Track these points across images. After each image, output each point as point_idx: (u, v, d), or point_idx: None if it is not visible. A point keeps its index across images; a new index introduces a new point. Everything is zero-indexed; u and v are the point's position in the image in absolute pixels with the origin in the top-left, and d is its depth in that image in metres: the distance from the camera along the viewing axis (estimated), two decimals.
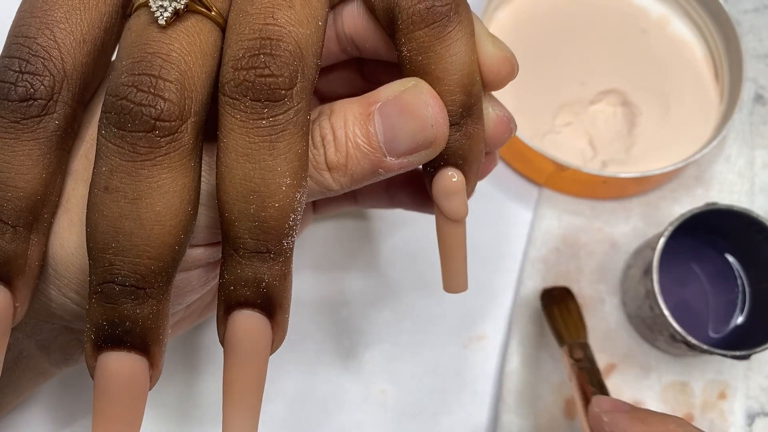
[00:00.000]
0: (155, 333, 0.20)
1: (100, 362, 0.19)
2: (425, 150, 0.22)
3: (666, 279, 0.38)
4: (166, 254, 0.19)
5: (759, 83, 0.46)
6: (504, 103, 0.43)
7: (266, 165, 0.19)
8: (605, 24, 0.45)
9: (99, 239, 0.19)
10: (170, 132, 0.19)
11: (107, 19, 0.21)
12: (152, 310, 0.19)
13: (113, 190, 0.19)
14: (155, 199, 0.19)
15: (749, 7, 0.47)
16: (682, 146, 0.42)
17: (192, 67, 0.19)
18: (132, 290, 0.19)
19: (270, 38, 0.19)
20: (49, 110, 0.20)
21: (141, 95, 0.18)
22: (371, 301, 0.40)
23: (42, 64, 0.19)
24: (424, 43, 0.21)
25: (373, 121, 0.21)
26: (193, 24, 0.20)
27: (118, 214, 0.19)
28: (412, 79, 0.22)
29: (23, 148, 0.19)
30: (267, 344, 0.20)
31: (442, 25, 0.21)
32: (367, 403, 0.38)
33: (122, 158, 0.19)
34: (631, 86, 0.44)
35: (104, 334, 0.19)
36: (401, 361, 0.39)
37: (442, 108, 0.22)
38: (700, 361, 0.40)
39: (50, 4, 0.20)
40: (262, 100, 0.19)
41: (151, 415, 0.37)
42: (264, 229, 0.20)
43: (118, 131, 0.19)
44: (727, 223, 0.38)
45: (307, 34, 0.20)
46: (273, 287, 0.20)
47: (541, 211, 0.42)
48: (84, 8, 0.20)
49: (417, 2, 0.21)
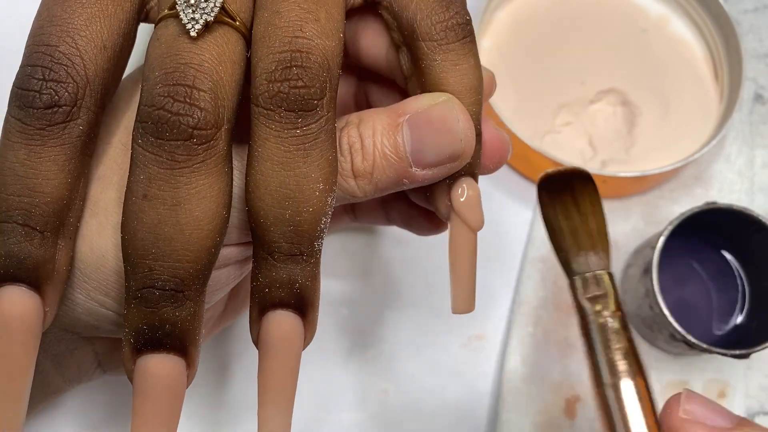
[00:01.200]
0: (192, 334, 0.20)
1: (140, 365, 0.20)
2: (451, 163, 0.23)
3: (666, 278, 0.38)
4: (203, 257, 0.20)
5: (759, 83, 0.46)
6: (504, 103, 0.44)
7: (301, 172, 0.20)
8: (605, 24, 0.45)
9: (138, 245, 0.19)
10: (207, 140, 0.19)
11: (125, 26, 0.21)
12: (190, 312, 0.20)
13: (152, 197, 0.19)
14: (194, 205, 0.19)
15: (749, 6, 0.47)
16: (682, 146, 0.42)
17: (223, 76, 0.20)
18: (172, 294, 0.19)
19: (300, 51, 0.20)
20: (73, 116, 0.20)
21: (178, 105, 0.19)
22: (371, 301, 0.40)
23: (65, 72, 0.20)
24: (454, 59, 0.22)
25: (401, 131, 0.22)
26: (221, 34, 0.20)
27: (158, 220, 0.19)
28: (442, 95, 0.23)
29: (49, 154, 0.20)
30: (300, 342, 0.21)
31: (471, 40, 0.23)
32: (367, 403, 0.38)
33: (160, 166, 0.19)
34: (630, 86, 0.44)
35: (144, 337, 0.20)
36: (401, 361, 0.39)
37: (471, 124, 0.23)
38: (699, 360, 0.40)
39: (69, 12, 0.20)
40: (296, 111, 0.20)
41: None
42: (298, 233, 0.20)
43: (156, 140, 0.19)
44: (727, 223, 0.38)
45: (332, 46, 0.21)
46: (306, 287, 0.21)
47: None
48: (103, 16, 0.21)
49: (450, 18, 0.22)
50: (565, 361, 0.39)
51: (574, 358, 0.39)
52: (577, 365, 0.39)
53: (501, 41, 0.45)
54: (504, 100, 0.43)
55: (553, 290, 0.40)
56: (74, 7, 0.21)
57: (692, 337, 0.35)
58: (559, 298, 0.40)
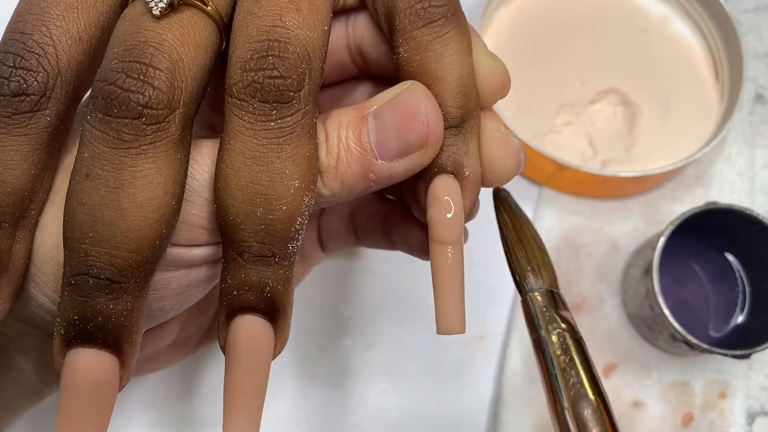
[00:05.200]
0: (128, 331, 0.19)
1: (69, 359, 0.19)
2: (417, 152, 0.21)
3: (666, 278, 0.38)
4: (145, 248, 0.19)
5: (759, 83, 0.46)
6: (505, 102, 0.44)
7: (274, 168, 0.19)
8: (605, 23, 0.45)
9: (76, 228, 0.18)
10: (157, 120, 0.18)
11: (105, 19, 0.21)
12: (126, 307, 0.19)
13: (94, 177, 0.18)
14: (138, 189, 0.18)
15: (749, 6, 0.47)
16: (683, 146, 0.42)
17: (184, 58, 0.19)
18: (107, 284, 0.18)
19: (278, 40, 0.19)
20: (41, 106, 0.19)
21: (130, 81, 0.18)
22: (371, 301, 0.40)
23: (36, 60, 0.19)
24: (422, 42, 0.21)
25: (366, 124, 0.21)
26: (188, 17, 0.20)
27: (98, 202, 0.18)
28: (408, 82, 0.21)
29: (13, 143, 0.19)
30: (270, 350, 0.20)
31: (440, 25, 0.21)
32: (367, 403, 0.38)
33: (106, 145, 0.18)
34: (631, 86, 0.44)
35: (74, 329, 0.18)
36: (401, 361, 0.39)
37: (435, 106, 0.21)
38: (700, 360, 0.40)
39: (48, 1, 0.20)
40: (270, 102, 0.19)
41: (149, 421, 0.37)
42: (270, 232, 0.19)
43: (104, 117, 0.18)
44: (728, 223, 0.38)
45: (314, 38, 0.20)
46: (277, 292, 0.20)
47: (541, 210, 0.42)
48: (81, 7, 0.20)
49: (415, 2, 0.21)
50: None
51: None
52: None
53: (501, 41, 0.44)
54: (504, 100, 0.43)
55: None
56: None
57: (693, 338, 0.35)
58: None
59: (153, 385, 0.38)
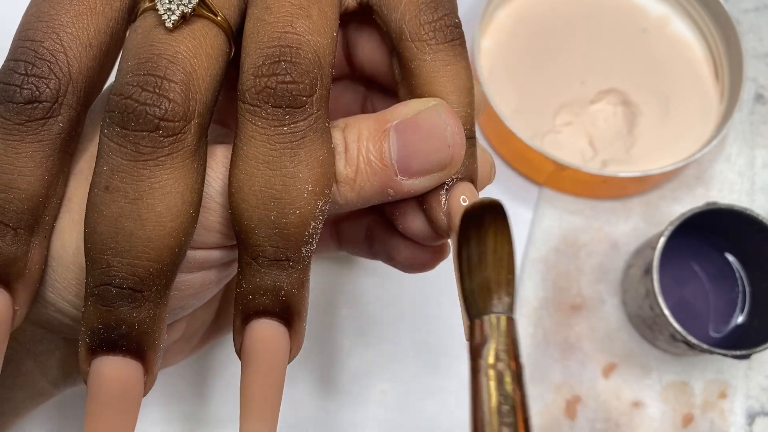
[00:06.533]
0: (151, 338, 0.19)
1: (94, 367, 0.19)
2: (438, 172, 0.21)
3: (666, 278, 0.38)
4: (165, 257, 0.19)
5: (759, 83, 0.46)
6: (504, 102, 0.44)
7: (287, 172, 0.19)
8: (605, 24, 0.45)
9: (97, 240, 0.19)
10: (174, 132, 0.19)
11: (113, 25, 0.21)
12: (149, 315, 0.19)
13: (114, 189, 0.19)
14: (156, 200, 0.19)
15: (749, 6, 0.47)
16: (683, 146, 0.42)
17: (197, 69, 0.19)
18: (129, 293, 0.19)
19: (290, 46, 0.20)
20: (54, 113, 0.20)
21: (146, 95, 0.18)
22: (371, 301, 0.40)
23: (48, 68, 0.19)
24: (445, 59, 0.22)
25: (388, 138, 0.21)
26: (199, 28, 0.20)
27: (118, 214, 0.19)
28: (432, 99, 0.22)
29: (26, 150, 0.19)
30: (285, 353, 0.20)
31: (461, 44, 0.22)
32: (367, 403, 0.38)
33: (124, 157, 0.19)
34: (631, 86, 0.44)
35: (99, 337, 0.19)
36: (401, 361, 0.39)
37: (461, 129, 0.21)
38: (700, 360, 0.40)
39: (57, 8, 0.20)
40: (283, 107, 0.19)
41: (156, 419, 0.37)
42: (284, 236, 0.19)
43: (121, 130, 0.19)
44: (728, 223, 0.38)
45: (324, 44, 0.20)
46: (292, 295, 0.20)
47: (541, 210, 0.42)
48: (91, 13, 0.21)
49: (439, 18, 0.22)
50: (566, 361, 0.39)
51: (575, 358, 0.39)
52: (577, 366, 0.39)
53: (501, 41, 0.44)
54: (504, 100, 0.43)
55: (553, 291, 0.40)
56: (62, 4, 0.20)
57: (693, 338, 0.35)
58: (560, 298, 0.40)
59: (158, 384, 0.38)
